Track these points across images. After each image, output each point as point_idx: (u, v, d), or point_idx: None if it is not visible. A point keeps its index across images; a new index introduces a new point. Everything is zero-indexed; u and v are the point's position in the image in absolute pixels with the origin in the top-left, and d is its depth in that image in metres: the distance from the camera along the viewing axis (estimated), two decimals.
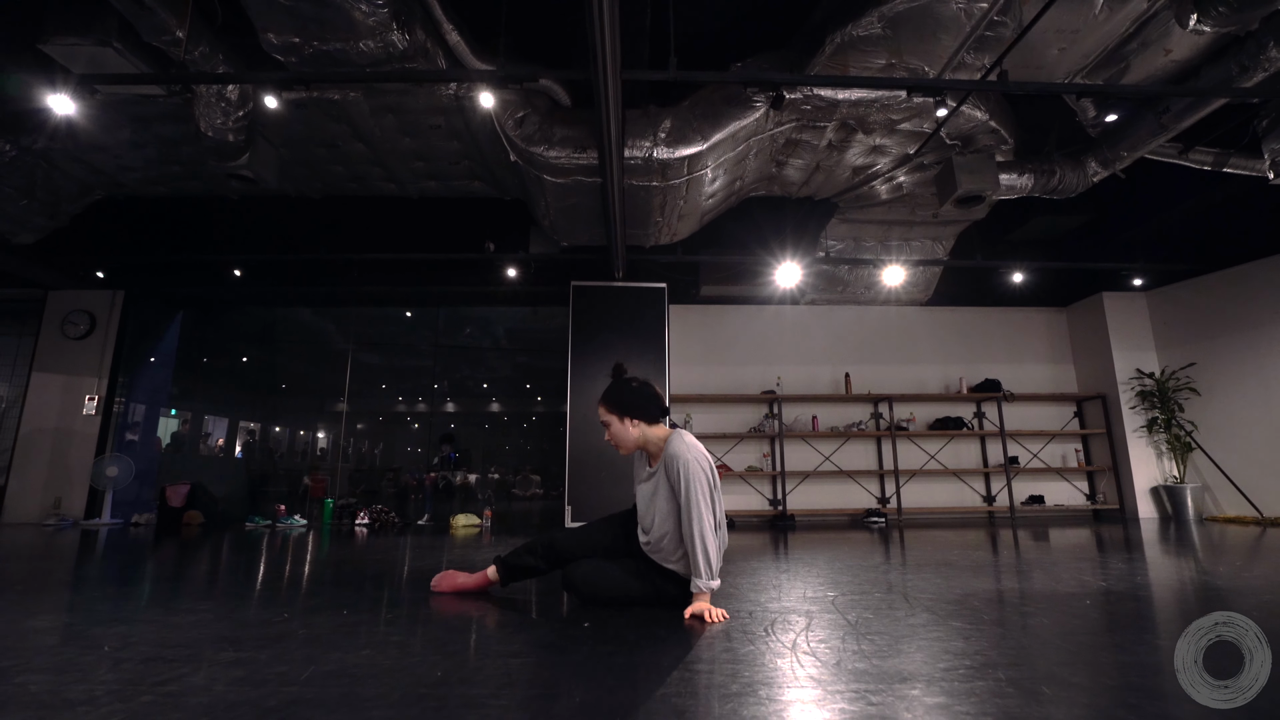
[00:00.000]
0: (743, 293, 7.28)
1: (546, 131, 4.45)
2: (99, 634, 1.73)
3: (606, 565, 2.17)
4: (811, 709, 1.18)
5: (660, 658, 1.52)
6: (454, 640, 1.67)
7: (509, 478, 9.91)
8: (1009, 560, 3.39)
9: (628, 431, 2.14)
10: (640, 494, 2.21)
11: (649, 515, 2.14)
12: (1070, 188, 5.17)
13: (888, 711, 1.16)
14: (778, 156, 5.37)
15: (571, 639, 1.71)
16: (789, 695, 1.25)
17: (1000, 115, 4.91)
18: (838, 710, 1.16)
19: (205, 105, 4.13)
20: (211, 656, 1.49)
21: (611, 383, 2.23)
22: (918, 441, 7.31)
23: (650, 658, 1.52)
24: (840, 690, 1.27)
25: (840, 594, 2.40)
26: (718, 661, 1.49)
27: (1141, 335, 7.14)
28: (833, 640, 1.69)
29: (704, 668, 1.44)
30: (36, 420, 6.78)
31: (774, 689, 1.29)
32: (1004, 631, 1.79)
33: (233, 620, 1.92)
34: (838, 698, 1.23)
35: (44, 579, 2.78)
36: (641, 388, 2.18)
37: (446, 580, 2.38)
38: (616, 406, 2.15)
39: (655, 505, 2.12)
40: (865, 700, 1.22)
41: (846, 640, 1.68)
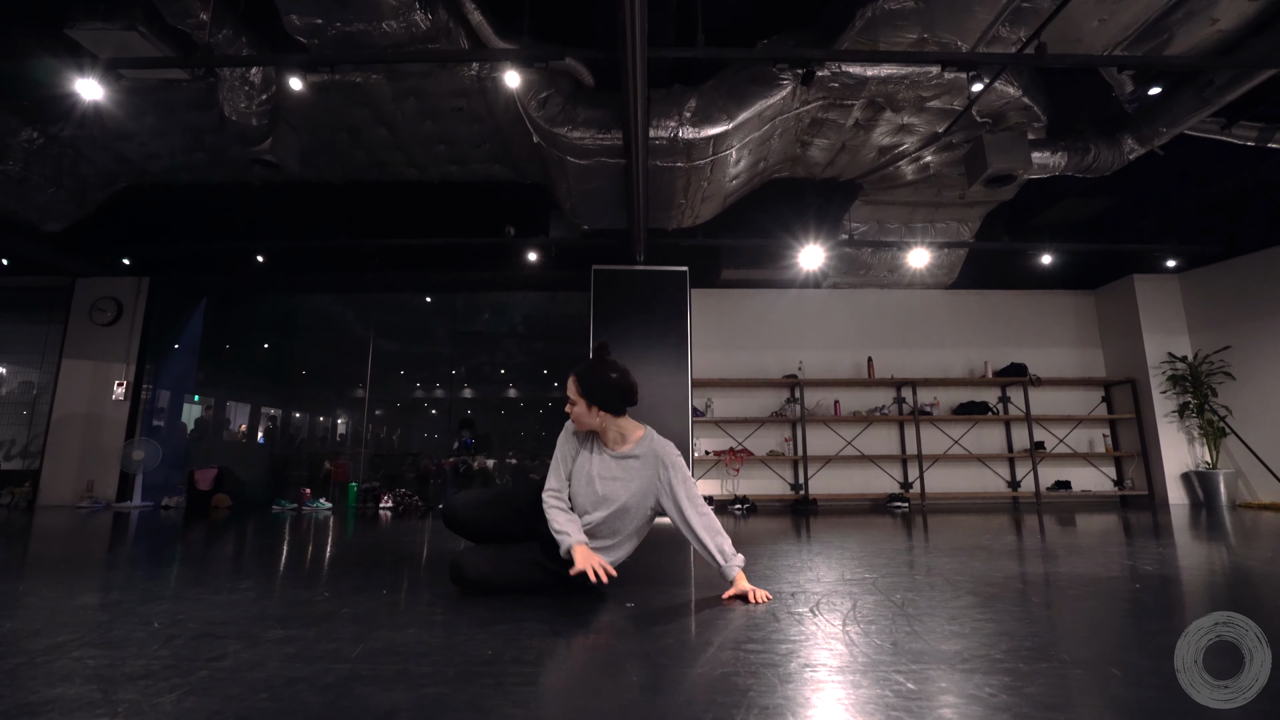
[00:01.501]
0: (764, 277, 7.21)
1: (570, 112, 4.40)
2: (147, 611, 1.74)
3: (501, 556, 2.10)
4: (875, 690, 1.15)
5: (711, 637, 1.51)
6: (500, 619, 1.66)
7: (527, 462, 9.94)
8: (1044, 544, 3.34)
9: (590, 416, 2.10)
10: (590, 476, 2.12)
11: (598, 498, 2.09)
12: (1105, 166, 5.04)
13: (957, 693, 1.13)
14: (802, 137, 5.28)
15: (619, 620, 1.70)
16: (849, 676, 1.23)
17: (1033, 91, 4.79)
18: (904, 692, 1.14)
19: (229, 89, 4.13)
20: (260, 634, 1.49)
21: (589, 362, 2.16)
22: (941, 426, 7.23)
23: (703, 638, 1.50)
24: (903, 671, 1.25)
25: (879, 575, 2.37)
26: (769, 641, 1.47)
27: (1173, 318, 6.98)
28: (882, 621, 1.66)
29: (758, 648, 1.42)
30: (68, 405, 6.89)
31: (832, 670, 1.27)
32: (1055, 614, 1.76)
33: (275, 599, 1.93)
34: (901, 678, 1.20)
35: (85, 559, 2.82)
36: (619, 380, 2.11)
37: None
38: (587, 393, 2.09)
39: (614, 490, 2.09)
40: (932, 682, 1.19)
41: (897, 621, 1.66)
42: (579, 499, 2.12)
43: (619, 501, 2.08)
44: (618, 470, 2.11)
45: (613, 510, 2.08)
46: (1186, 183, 5.90)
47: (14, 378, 8.00)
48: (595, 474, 2.11)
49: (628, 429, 2.15)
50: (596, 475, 2.11)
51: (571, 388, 2.11)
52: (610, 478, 2.10)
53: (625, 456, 2.12)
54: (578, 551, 1.96)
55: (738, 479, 6.95)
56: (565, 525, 2.02)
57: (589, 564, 1.91)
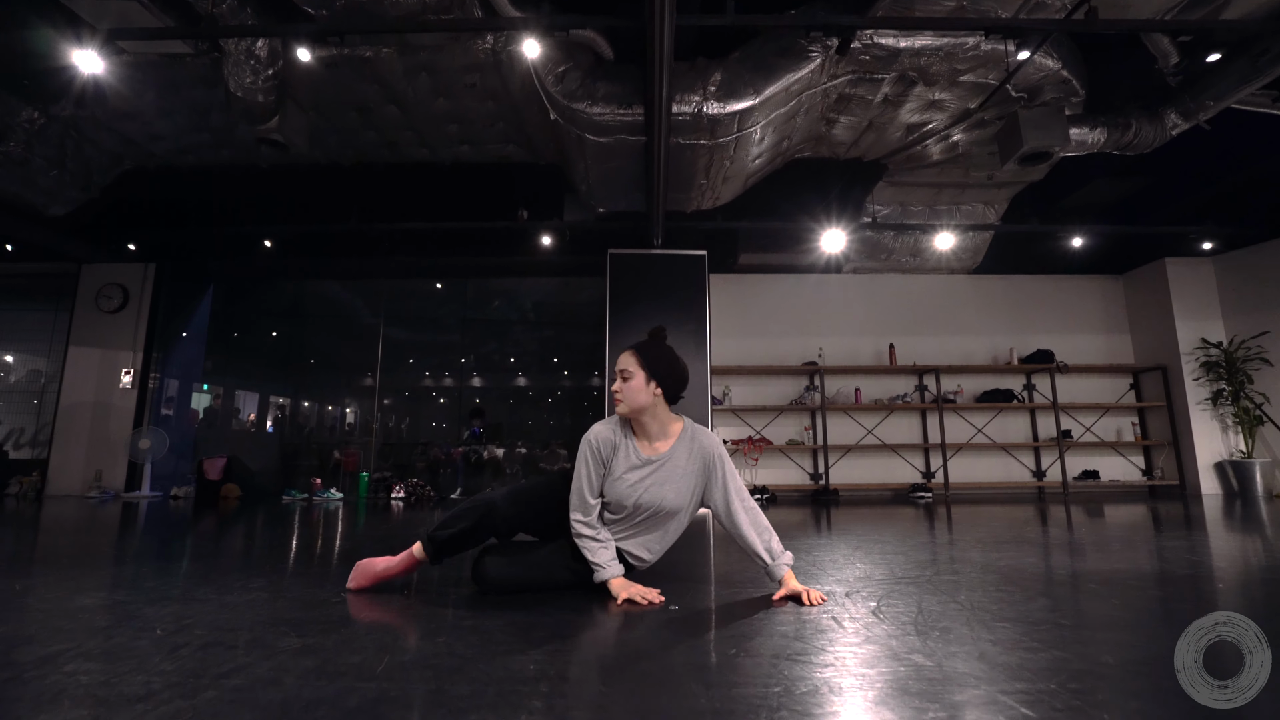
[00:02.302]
0: (783, 261, 7.02)
1: (589, 87, 4.20)
2: (150, 614, 1.60)
3: (528, 559, 1.93)
4: (1008, 710, 0.99)
5: (775, 647, 1.35)
6: (535, 624, 1.51)
7: (537, 452, 9.82)
8: (1092, 537, 3.17)
9: (643, 394, 1.90)
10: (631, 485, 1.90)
11: (643, 506, 1.89)
12: (1146, 143, 4.81)
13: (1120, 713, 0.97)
14: (828, 114, 5.07)
15: (666, 627, 1.55)
16: (964, 695, 1.07)
17: (1072, 64, 4.56)
18: (1048, 712, 0.98)
19: (234, 64, 3.95)
20: (274, 643, 1.35)
21: (649, 339, 2.00)
22: (964, 415, 7.04)
23: (765, 647, 1.35)
24: (1009, 692, 1.09)
25: (931, 573, 2.21)
26: (841, 652, 1.31)
27: (1207, 303, 6.75)
28: (957, 628, 1.50)
29: (830, 659, 1.26)
30: (75, 394, 6.79)
31: (926, 690, 1.11)
32: (1159, 619, 1.59)
33: (289, 600, 1.79)
34: (1010, 701, 1.04)
35: (89, 553, 2.69)
36: (681, 364, 1.98)
37: (363, 572, 1.94)
38: (650, 363, 1.92)
39: (661, 496, 1.89)
40: (1044, 704, 1.03)
41: (974, 628, 1.49)
42: (619, 511, 1.92)
43: (667, 506, 1.91)
44: (662, 473, 1.92)
45: (659, 516, 1.92)
46: (1227, 161, 5.65)
47: (22, 366, 7.92)
48: (636, 481, 1.90)
49: (669, 420, 1.98)
50: (639, 482, 1.90)
51: (631, 361, 1.92)
52: (656, 483, 1.90)
53: (666, 458, 1.93)
54: (615, 585, 1.82)
55: (756, 468, 6.79)
56: (599, 556, 1.85)
57: (629, 594, 1.77)
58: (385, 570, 1.93)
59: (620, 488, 1.89)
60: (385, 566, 1.93)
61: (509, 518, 1.90)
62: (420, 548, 1.90)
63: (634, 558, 1.96)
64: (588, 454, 1.93)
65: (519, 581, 1.89)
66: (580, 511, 1.89)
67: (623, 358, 1.95)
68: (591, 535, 1.87)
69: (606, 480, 1.92)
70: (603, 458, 1.92)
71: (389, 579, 1.94)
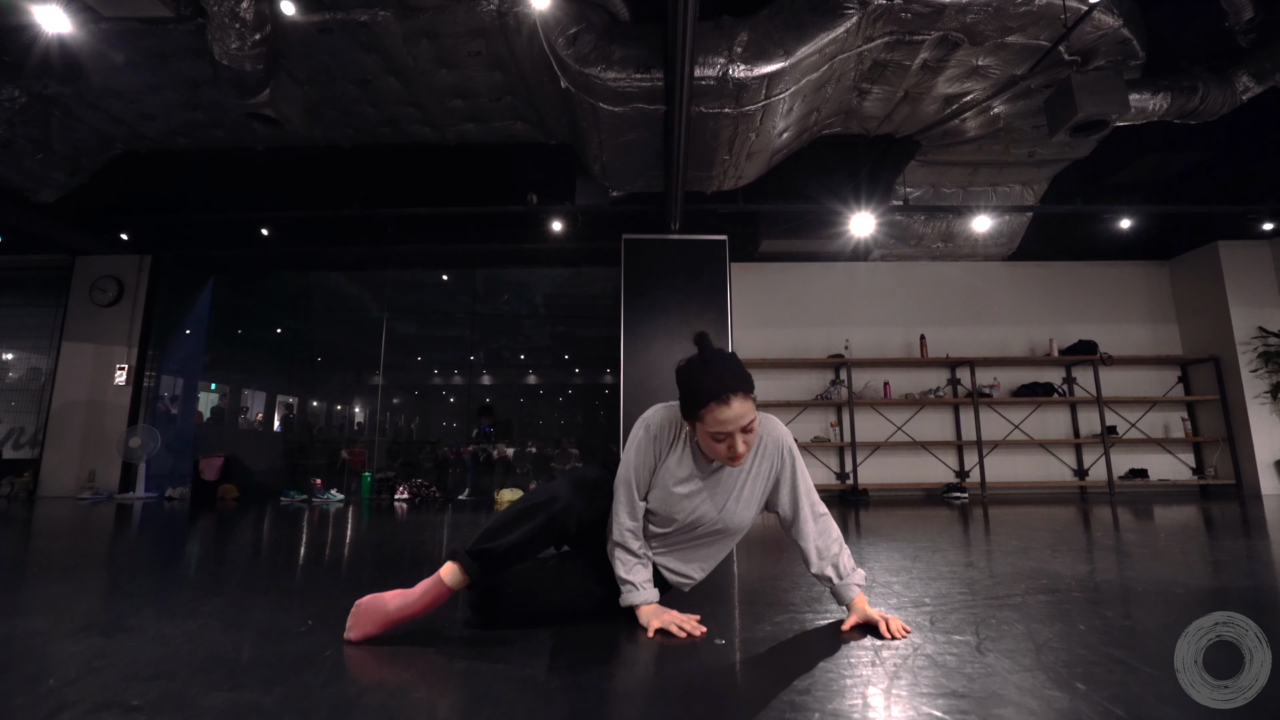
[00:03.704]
0: (806, 248, 6.63)
1: (603, 50, 3.85)
2: (58, 652, 1.27)
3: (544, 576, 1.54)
4: None
5: (871, 697, 0.99)
6: (593, 652, 1.16)
7: (548, 451, 9.49)
8: (1169, 544, 2.77)
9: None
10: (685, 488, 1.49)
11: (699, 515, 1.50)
12: (1213, 109, 4.40)
13: None
14: (860, 84, 4.70)
15: (720, 668, 1.19)
16: None
17: (1133, 22, 4.16)
18: None
19: (218, 27, 3.63)
20: (194, 699, 1.01)
21: (728, 359, 1.41)
22: (1000, 410, 6.63)
23: (858, 696, 0.99)
24: None
25: (1023, 590, 1.84)
26: (964, 703, 0.95)
27: (1265, 289, 6.30)
28: (1102, 670, 1.13)
29: (959, 709, 0.90)
30: (69, 392, 6.53)
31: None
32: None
33: (242, 629, 1.45)
34: None
35: (36, 563, 2.38)
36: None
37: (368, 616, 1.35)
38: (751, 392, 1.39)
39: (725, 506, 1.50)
40: None
41: (1129, 669, 1.13)
42: (667, 524, 1.53)
43: (732, 525, 1.52)
44: (724, 484, 1.50)
45: (723, 533, 1.54)
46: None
47: (21, 363, 7.68)
48: (692, 492, 1.49)
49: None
50: (694, 494, 1.49)
51: (749, 405, 1.36)
52: (717, 495, 1.50)
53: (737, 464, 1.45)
54: (645, 613, 1.44)
55: None
56: (635, 574, 1.46)
57: (662, 624, 1.39)
58: (401, 610, 1.35)
59: (670, 499, 1.49)
60: (401, 605, 1.36)
61: (581, 514, 1.45)
62: (453, 571, 1.38)
63: (681, 576, 1.58)
64: (643, 439, 1.49)
65: (536, 609, 1.50)
66: (629, 515, 1.49)
67: (745, 406, 1.35)
68: (634, 548, 1.49)
69: (654, 482, 1.50)
70: (659, 449, 1.49)
71: (405, 620, 1.37)
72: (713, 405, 1.32)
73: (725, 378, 1.34)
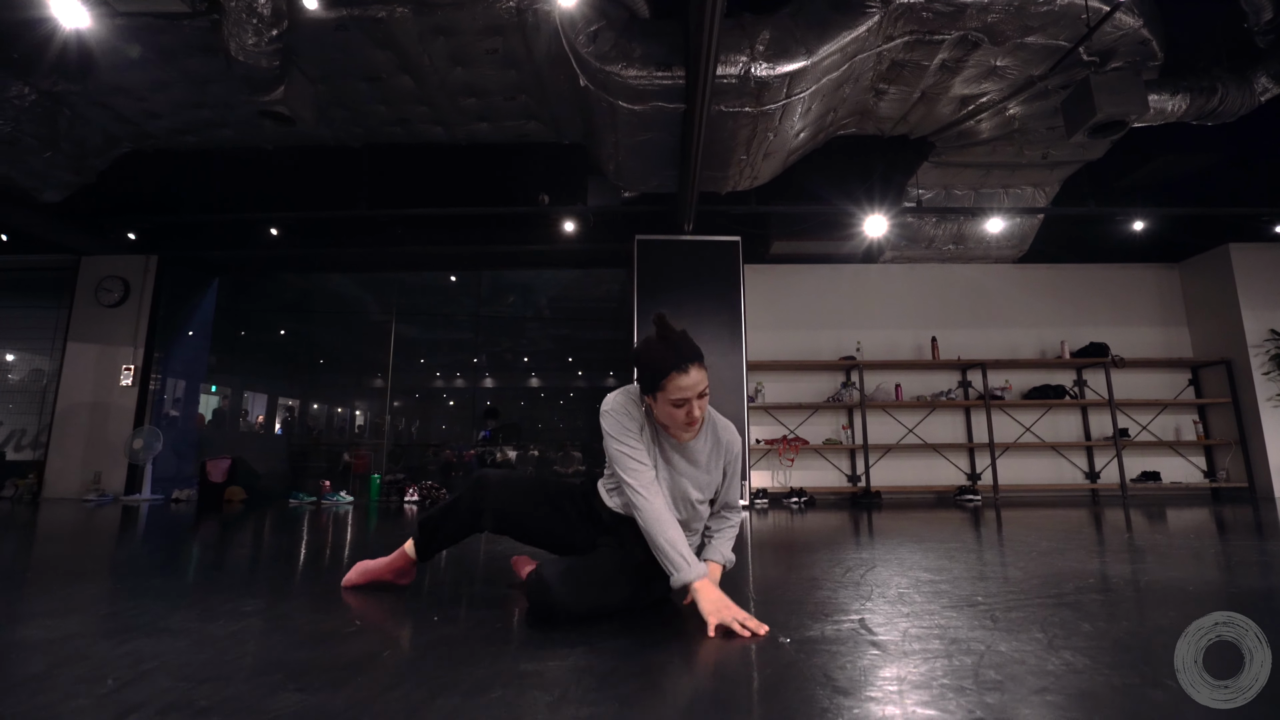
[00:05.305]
0: (818, 250, 6.60)
1: (624, 47, 3.82)
2: (103, 654, 1.22)
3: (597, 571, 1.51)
4: None
5: (967, 700, 0.95)
6: (632, 668, 1.12)
7: (551, 454, 9.45)
8: (1204, 545, 2.74)
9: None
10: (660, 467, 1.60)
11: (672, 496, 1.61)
12: (1231, 110, 4.39)
13: None
14: (877, 84, 4.68)
15: (794, 669, 1.15)
16: None
17: (1153, 23, 4.15)
18: None
19: (235, 23, 3.60)
20: (262, 704, 0.96)
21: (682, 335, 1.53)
22: (1011, 412, 6.60)
23: (955, 702, 0.95)
24: None
25: (1068, 590, 1.79)
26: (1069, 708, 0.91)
27: (1277, 292, 6.29)
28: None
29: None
30: (74, 393, 6.46)
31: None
32: None
33: (289, 632, 1.40)
34: None
35: (56, 566, 2.32)
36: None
37: (359, 570, 1.81)
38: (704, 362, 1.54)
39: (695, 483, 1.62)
40: None
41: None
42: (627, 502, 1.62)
43: (694, 497, 1.61)
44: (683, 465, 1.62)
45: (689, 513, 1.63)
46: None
47: (25, 365, 7.60)
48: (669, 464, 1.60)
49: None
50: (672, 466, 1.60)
51: (704, 376, 1.51)
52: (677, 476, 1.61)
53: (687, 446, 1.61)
54: (702, 594, 1.38)
55: (791, 469, 6.38)
56: (680, 547, 1.43)
57: (724, 619, 1.33)
58: (379, 569, 1.78)
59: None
60: (379, 565, 1.78)
61: (500, 496, 1.61)
62: (412, 543, 1.72)
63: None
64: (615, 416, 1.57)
65: (590, 604, 1.45)
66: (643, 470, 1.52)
67: (700, 375, 1.50)
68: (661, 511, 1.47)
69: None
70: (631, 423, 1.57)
71: (380, 577, 1.78)
72: (674, 374, 1.46)
73: (683, 349, 1.49)
